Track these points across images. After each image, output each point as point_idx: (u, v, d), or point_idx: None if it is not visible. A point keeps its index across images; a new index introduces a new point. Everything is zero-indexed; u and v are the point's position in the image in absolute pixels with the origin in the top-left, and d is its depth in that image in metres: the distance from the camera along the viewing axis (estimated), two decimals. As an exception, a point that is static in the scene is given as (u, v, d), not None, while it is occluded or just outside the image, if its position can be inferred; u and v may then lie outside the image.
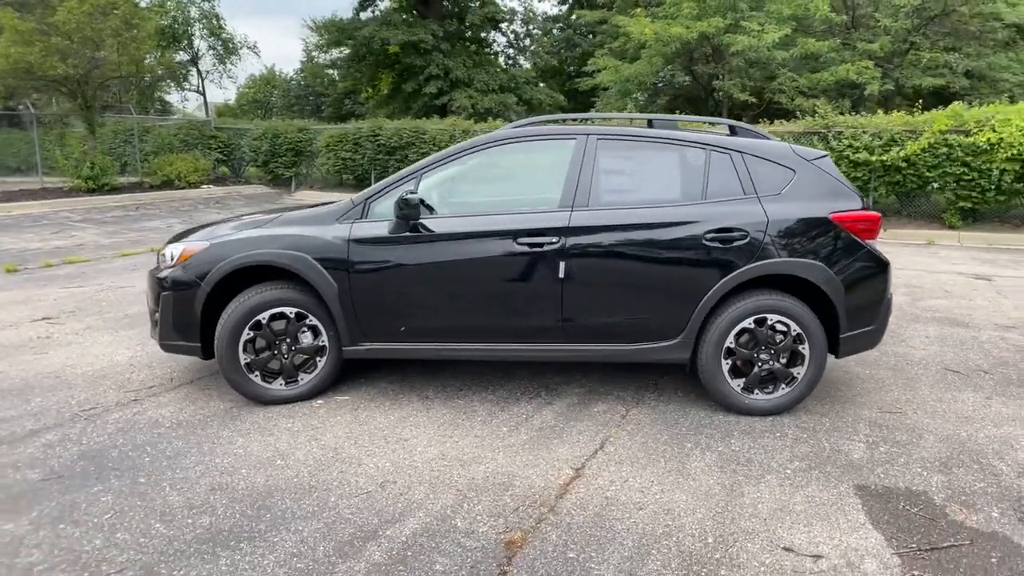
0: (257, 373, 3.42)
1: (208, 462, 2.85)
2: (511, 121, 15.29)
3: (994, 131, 8.74)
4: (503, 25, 25.74)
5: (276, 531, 2.35)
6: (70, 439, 3.06)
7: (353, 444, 3.05)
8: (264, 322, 3.37)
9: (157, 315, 3.56)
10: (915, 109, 10.15)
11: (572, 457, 2.95)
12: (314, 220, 3.43)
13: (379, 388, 3.73)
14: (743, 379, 3.35)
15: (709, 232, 3.24)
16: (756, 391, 3.37)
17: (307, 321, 3.43)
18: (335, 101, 32.31)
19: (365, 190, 3.47)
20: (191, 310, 3.41)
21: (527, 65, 26.11)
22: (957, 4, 13.56)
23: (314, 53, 33.26)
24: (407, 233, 3.29)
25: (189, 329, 3.46)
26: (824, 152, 3.50)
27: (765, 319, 3.28)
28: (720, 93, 15.59)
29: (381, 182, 3.46)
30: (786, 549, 2.29)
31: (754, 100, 14.30)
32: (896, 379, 3.92)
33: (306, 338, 3.46)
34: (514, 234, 3.27)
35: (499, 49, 26.43)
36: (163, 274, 3.50)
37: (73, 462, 2.84)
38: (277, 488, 2.64)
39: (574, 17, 30.22)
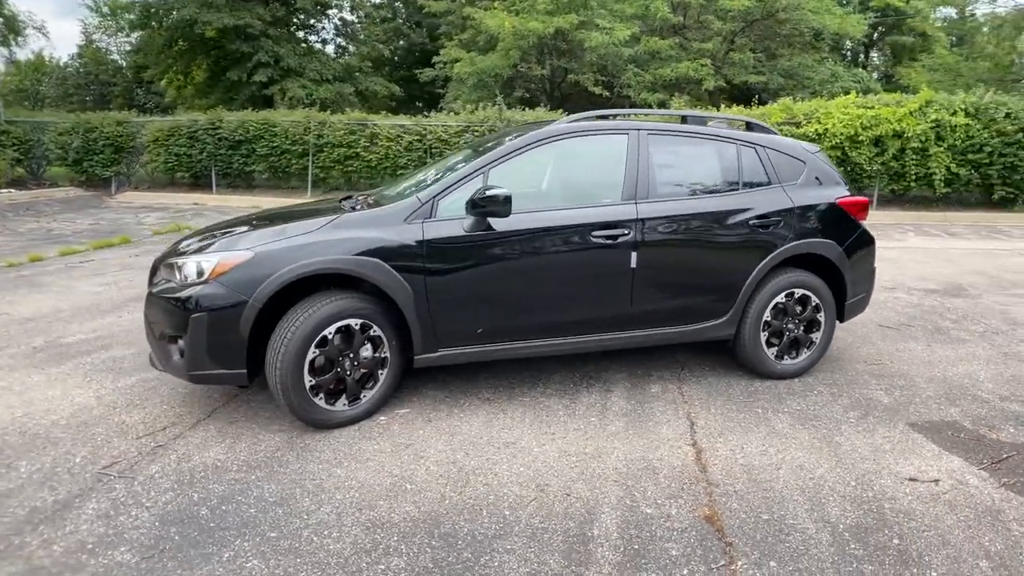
0: (321, 396, 3.06)
1: (332, 500, 2.52)
2: (351, 112, 14.79)
3: (820, 123, 10.58)
4: (331, 12, 24.47)
5: (487, 555, 2.19)
6: (125, 504, 2.48)
7: (464, 455, 2.89)
8: (330, 337, 3.02)
9: (180, 343, 3.00)
10: (752, 104, 11.83)
11: (678, 435, 3.11)
12: (379, 222, 3.14)
13: (430, 396, 3.53)
14: (775, 348, 3.79)
15: (753, 218, 3.60)
16: (785, 357, 3.82)
17: (370, 332, 3.14)
18: (125, 91, 28.18)
19: (429, 188, 3.24)
20: (234, 331, 2.93)
21: (355, 55, 25.07)
22: (775, 9, 15.96)
23: (95, 36, 28.61)
24: (485, 231, 3.17)
25: (230, 354, 2.97)
26: (818, 147, 4.06)
27: (793, 293, 3.74)
28: (564, 86, 16.60)
29: (446, 179, 3.26)
30: (911, 479, 2.71)
31: (607, 93, 15.48)
32: (853, 337, 4.67)
33: (366, 351, 3.17)
34: (591, 227, 3.32)
35: (328, 37, 25.08)
36: (188, 293, 2.95)
37: (161, 531, 2.32)
38: (438, 513, 2.44)
39: (398, 5, 29.75)
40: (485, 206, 3.06)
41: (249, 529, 2.33)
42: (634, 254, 3.38)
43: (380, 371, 3.23)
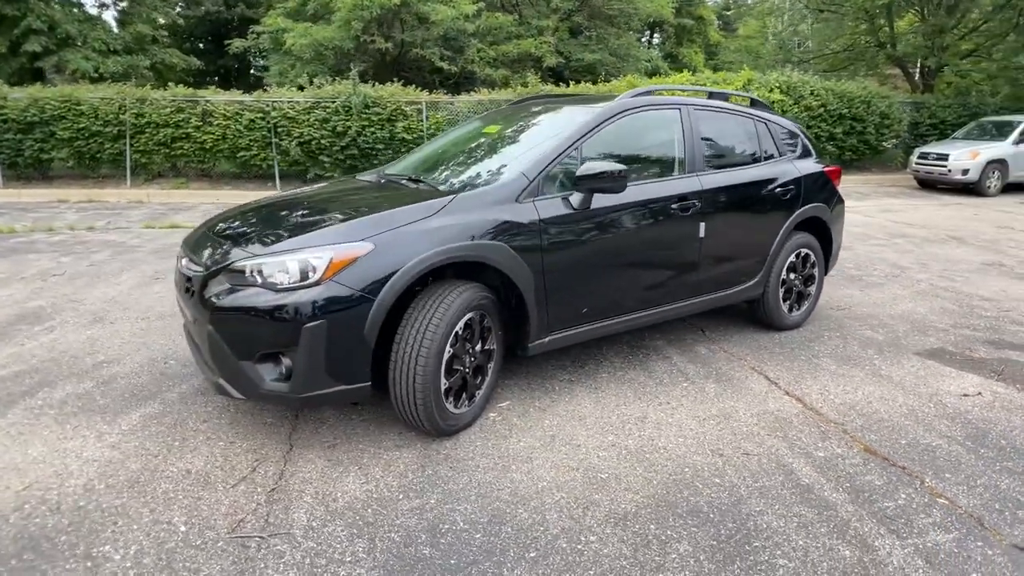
0: (451, 399, 2.76)
1: (546, 506, 2.34)
2: (143, 85, 12.84)
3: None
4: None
5: (749, 520, 2.23)
6: (318, 567, 2.04)
7: (616, 436, 2.85)
8: (460, 333, 2.73)
9: (285, 360, 2.49)
10: (598, 81, 12.65)
11: (768, 388, 3.38)
12: (494, 202, 2.87)
13: (513, 387, 3.36)
14: (788, 303, 4.26)
15: (777, 187, 3.98)
16: (794, 310, 4.32)
17: (484, 323, 2.91)
18: None
19: (534, 162, 3.04)
20: (359, 338, 2.51)
21: (146, 22, 21.51)
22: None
23: None
24: (589, 207, 3.08)
25: (352, 366, 2.55)
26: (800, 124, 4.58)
27: (800, 252, 4.23)
28: (407, 59, 16.09)
29: (544, 154, 3.08)
30: (964, 395, 3.29)
31: (453, 68, 15.35)
32: (803, 287, 5.39)
33: (478, 344, 2.93)
34: (671, 200, 3.41)
35: (108, 2, 21.08)
36: (293, 299, 2.45)
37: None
38: (660, 495, 2.40)
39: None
40: (595, 182, 2.97)
41: (501, 556, 2.07)
42: (702, 224, 3.56)
43: (489, 364, 3.01)
